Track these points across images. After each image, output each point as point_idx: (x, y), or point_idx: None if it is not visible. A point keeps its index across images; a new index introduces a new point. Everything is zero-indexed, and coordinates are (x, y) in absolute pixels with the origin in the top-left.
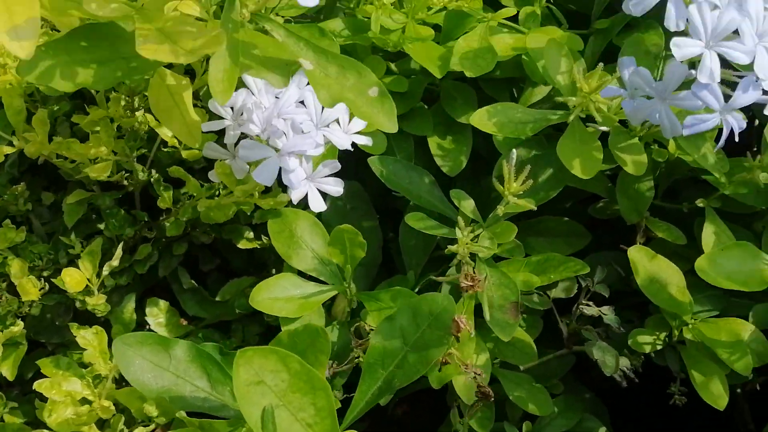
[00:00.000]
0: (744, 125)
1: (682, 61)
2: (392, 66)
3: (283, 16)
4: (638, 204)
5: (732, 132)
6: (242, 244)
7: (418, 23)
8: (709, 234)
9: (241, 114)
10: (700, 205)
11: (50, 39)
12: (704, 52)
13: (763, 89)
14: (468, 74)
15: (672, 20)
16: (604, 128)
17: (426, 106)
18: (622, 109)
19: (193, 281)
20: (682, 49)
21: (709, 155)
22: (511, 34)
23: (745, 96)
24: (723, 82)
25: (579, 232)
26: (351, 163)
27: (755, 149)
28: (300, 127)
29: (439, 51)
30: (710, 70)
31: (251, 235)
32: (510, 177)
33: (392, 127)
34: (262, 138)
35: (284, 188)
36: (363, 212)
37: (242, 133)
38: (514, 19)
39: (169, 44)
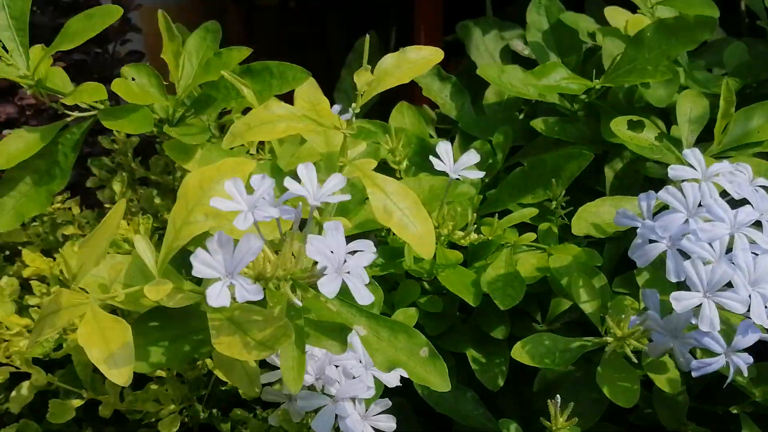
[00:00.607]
0: (751, 361)
1: None
2: (426, 285)
3: None
4: (676, 412)
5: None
6: None
7: (446, 246)
8: None
9: None
10: (734, 411)
11: None
12: (703, 302)
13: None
14: (501, 307)
15: (672, 273)
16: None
17: (460, 315)
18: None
19: None
20: (681, 302)
21: None
22: (533, 253)
23: (746, 339)
24: None
25: None
26: None
27: None
28: (351, 372)
29: (470, 277)
30: (710, 320)
31: None
32: (556, 415)
33: (445, 387)
34: (316, 386)
35: None
36: (409, 429)
37: None
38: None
39: (240, 336)
